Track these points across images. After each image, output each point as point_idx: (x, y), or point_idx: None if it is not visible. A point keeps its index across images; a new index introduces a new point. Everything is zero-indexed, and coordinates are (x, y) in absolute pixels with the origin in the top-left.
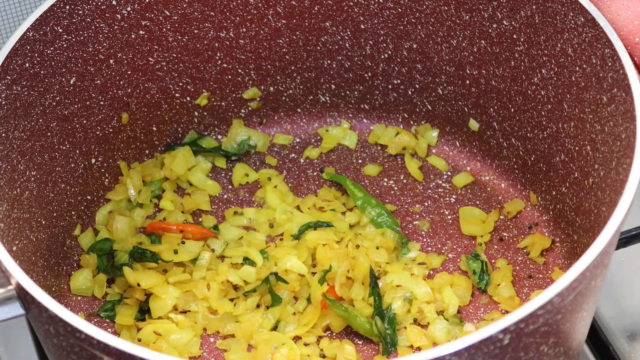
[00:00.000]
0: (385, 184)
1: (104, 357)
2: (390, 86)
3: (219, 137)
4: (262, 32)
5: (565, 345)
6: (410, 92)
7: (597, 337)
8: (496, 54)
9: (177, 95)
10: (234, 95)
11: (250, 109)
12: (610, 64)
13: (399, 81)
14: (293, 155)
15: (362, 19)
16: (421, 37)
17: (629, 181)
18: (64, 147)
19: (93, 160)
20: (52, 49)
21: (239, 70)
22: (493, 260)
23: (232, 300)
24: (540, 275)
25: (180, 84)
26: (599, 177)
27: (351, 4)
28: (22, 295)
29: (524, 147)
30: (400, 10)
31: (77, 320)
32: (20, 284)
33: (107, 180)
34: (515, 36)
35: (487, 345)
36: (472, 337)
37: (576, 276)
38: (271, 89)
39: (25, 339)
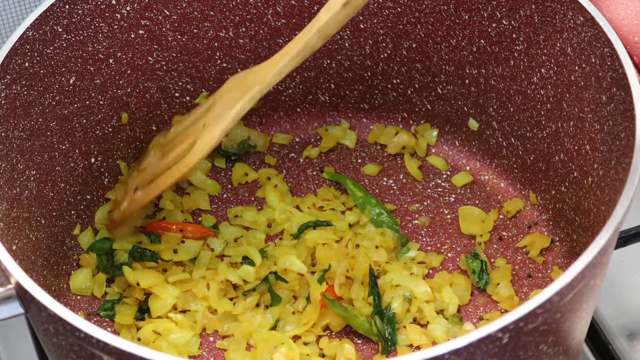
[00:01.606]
0: (384, 183)
1: (103, 356)
2: (389, 86)
3: None
4: (261, 31)
5: (565, 344)
6: (409, 92)
7: (596, 337)
8: (495, 53)
9: (176, 94)
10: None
11: (249, 108)
12: (609, 63)
13: (398, 80)
14: (293, 154)
15: (361, 18)
16: (420, 37)
17: (628, 180)
18: (64, 147)
19: (93, 160)
20: (51, 48)
21: (239, 70)
22: (492, 260)
23: (231, 299)
24: (540, 275)
25: (180, 84)
26: (598, 177)
27: None
28: (22, 295)
29: (523, 147)
30: (399, 9)
31: (76, 319)
32: (19, 283)
33: (106, 179)
34: (514, 35)
35: (487, 344)
36: (472, 335)
37: (575, 275)
38: (271, 88)
39: (25, 339)
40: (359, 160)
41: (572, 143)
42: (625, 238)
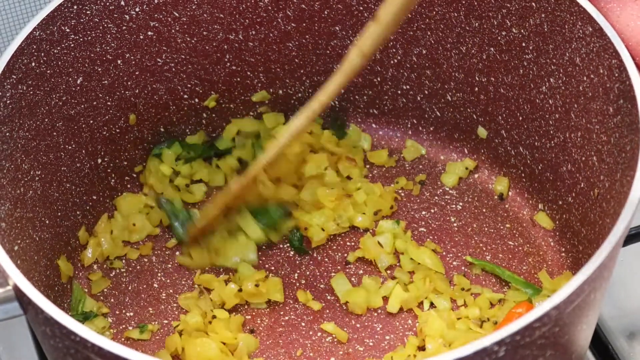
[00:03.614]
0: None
1: None
2: (399, 91)
3: None
4: (271, 35)
5: (564, 358)
6: (419, 98)
7: (596, 337)
8: (505, 61)
9: (185, 96)
10: (242, 97)
11: (258, 111)
12: (617, 75)
13: (408, 87)
14: None
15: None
16: (430, 43)
17: (630, 194)
18: (70, 147)
19: (99, 160)
20: (58, 48)
21: (248, 73)
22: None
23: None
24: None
25: (189, 86)
26: (604, 189)
27: (361, 8)
28: (19, 296)
29: (531, 156)
30: (409, 15)
31: (71, 323)
32: (17, 285)
33: (113, 180)
34: (524, 44)
35: (482, 357)
36: (466, 349)
37: (574, 289)
38: (280, 92)
39: (25, 339)
40: (367, 166)
41: (580, 154)
42: (626, 238)
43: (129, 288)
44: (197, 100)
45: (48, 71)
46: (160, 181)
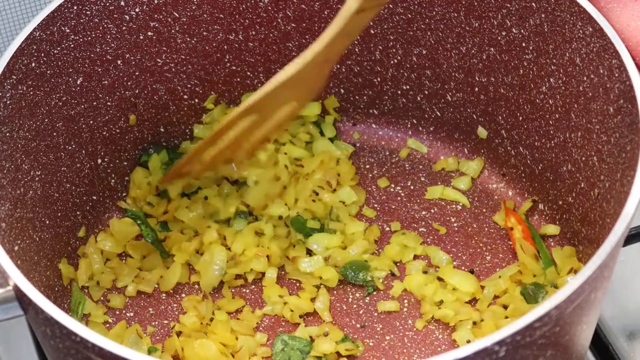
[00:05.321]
0: (392, 190)
1: None
2: (399, 92)
3: None
4: (271, 35)
5: (565, 358)
6: (419, 98)
7: (596, 337)
8: (505, 61)
9: (185, 97)
10: (242, 97)
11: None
12: (617, 75)
13: (408, 87)
14: None
15: (371, 23)
16: (431, 43)
17: (630, 194)
18: (70, 147)
19: (99, 161)
20: (58, 49)
21: (248, 73)
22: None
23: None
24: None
25: (189, 86)
26: (604, 189)
27: None
28: (20, 296)
29: (531, 156)
30: (410, 15)
31: (72, 323)
32: (17, 285)
33: (113, 180)
34: (524, 44)
35: (483, 357)
36: (467, 348)
37: (574, 289)
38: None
39: (25, 339)
40: (367, 166)
41: (580, 154)
42: (626, 238)
43: (129, 288)
44: (197, 100)
45: (48, 71)
46: (144, 191)
